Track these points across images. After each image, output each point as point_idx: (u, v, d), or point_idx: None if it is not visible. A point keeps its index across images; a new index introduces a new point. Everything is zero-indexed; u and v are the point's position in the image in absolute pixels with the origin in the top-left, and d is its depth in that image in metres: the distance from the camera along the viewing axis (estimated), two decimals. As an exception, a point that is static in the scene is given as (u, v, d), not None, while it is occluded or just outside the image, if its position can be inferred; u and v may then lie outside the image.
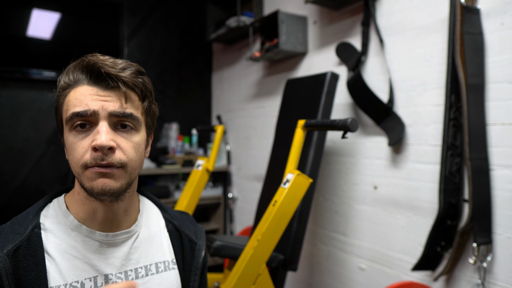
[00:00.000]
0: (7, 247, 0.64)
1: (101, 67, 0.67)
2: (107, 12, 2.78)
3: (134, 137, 0.70)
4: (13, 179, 2.54)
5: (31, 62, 2.52)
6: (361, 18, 1.89)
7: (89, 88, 0.68)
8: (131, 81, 0.70)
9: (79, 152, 0.66)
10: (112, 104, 0.67)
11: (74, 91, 0.69)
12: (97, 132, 0.66)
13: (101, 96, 0.67)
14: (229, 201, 3.03)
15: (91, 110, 0.66)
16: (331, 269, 2.09)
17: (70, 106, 0.68)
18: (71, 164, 0.68)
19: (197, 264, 0.84)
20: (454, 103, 1.47)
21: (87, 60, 0.68)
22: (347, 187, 2.00)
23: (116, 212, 0.73)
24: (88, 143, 0.66)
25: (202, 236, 0.88)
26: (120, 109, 0.68)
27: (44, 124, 2.64)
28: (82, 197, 0.71)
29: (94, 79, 0.68)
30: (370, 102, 1.78)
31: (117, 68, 0.68)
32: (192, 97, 3.23)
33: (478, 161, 1.38)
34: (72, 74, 0.70)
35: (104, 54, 0.71)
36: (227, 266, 1.73)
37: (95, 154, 0.65)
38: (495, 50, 1.39)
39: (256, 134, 2.74)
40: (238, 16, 2.55)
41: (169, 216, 0.86)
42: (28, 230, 0.67)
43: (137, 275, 0.75)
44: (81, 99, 0.67)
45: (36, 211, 0.71)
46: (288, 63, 2.43)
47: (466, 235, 1.46)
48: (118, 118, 0.68)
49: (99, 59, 0.68)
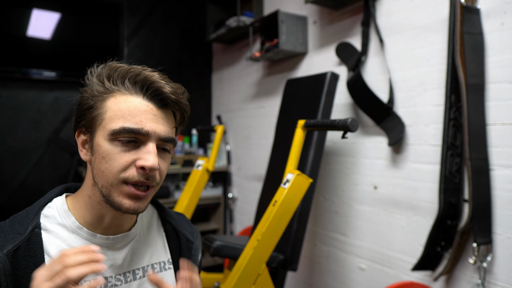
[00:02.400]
0: (7, 247, 0.63)
1: (162, 87, 0.67)
2: (107, 12, 2.78)
3: (168, 159, 0.72)
4: (13, 179, 2.54)
5: (31, 62, 2.51)
6: (361, 18, 1.89)
7: (144, 103, 0.67)
8: (184, 108, 0.72)
9: (120, 164, 0.65)
10: (163, 128, 0.68)
11: (124, 100, 0.67)
12: (147, 152, 0.66)
13: (155, 116, 0.67)
14: (229, 201, 3.03)
15: (145, 130, 0.66)
16: (331, 269, 2.09)
17: (119, 117, 0.66)
18: (104, 172, 0.66)
19: (194, 263, 0.85)
20: (454, 103, 1.47)
21: (141, 72, 0.68)
22: (347, 187, 2.00)
23: (123, 220, 0.74)
24: (132, 159, 0.66)
25: (198, 237, 0.90)
26: (169, 134, 0.69)
27: (44, 124, 2.64)
28: (94, 201, 0.70)
29: (150, 94, 0.68)
30: (370, 102, 1.78)
31: (178, 93, 0.70)
32: (192, 97, 3.21)
33: (478, 161, 1.38)
34: (119, 81, 0.68)
35: (145, 67, 0.70)
36: (227, 266, 1.73)
37: (141, 173, 0.66)
38: (495, 50, 1.39)
39: (256, 134, 2.74)
40: (238, 16, 2.55)
41: (167, 216, 0.86)
42: (28, 230, 0.66)
43: (135, 276, 0.75)
44: (135, 114, 0.66)
45: (36, 210, 0.70)
46: (288, 63, 2.43)
47: (466, 235, 1.46)
48: (162, 142, 0.69)
49: (156, 77, 0.68)
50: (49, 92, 2.64)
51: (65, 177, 2.70)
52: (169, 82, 0.70)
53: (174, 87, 0.70)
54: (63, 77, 2.60)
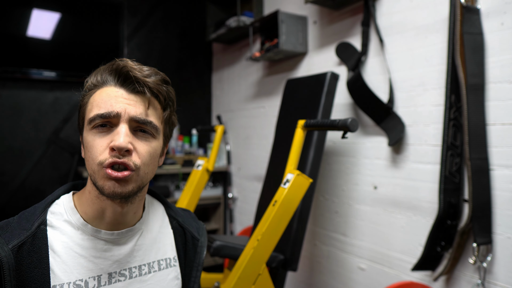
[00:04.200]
0: (12, 242, 0.65)
1: (130, 71, 0.69)
2: (107, 12, 2.77)
3: (151, 143, 0.71)
4: (13, 179, 2.54)
5: (31, 62, 2.51)
6: (361, 18, 1.89)
7: (115, 89, 0.70)
8: (156, 88, 0.72)
9: (97, 150, 0.67)
10: (134, 109, 0.69)
11: (100, 92, 0.71)
12: (117, 133, 0.67)
13: (125, 99, 0.69)
14: (229, 201, 3.03)
15: (114, 112, 0.67)
16: (331, 269, 2.09)
17: (94, 107, 0.69)
18: (88, 161, 0.69)
19: (199, 261, 0.86)
20: (454, 103, 1.47)
21: (117, 63, 0.71)
22: (347, 187, 2.00)
23: (125, 214, 0.74)
24: (106, 143, 0.67)
25: (203, 233, 0.90)
26: (142, 115, 0.69)
27: (44, 124, 2.64)
28: (93, 196, 0.71)
29: (121, 81, 0.70)
30: (370, 102, 1.78)
31: (143, 73, 0.70)
32: (192, 97, 3.22)
33: (478, 161, 1.38)
34: (100, 76, 0.72)
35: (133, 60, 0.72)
36: (227, 266, 1.73)
37: (112, 153, 0.66)
38: (495, 50, 1.39)
39: (256, 134, 2.74)
40: (238, 16, 2.55)
41: (173, 213, 0.87)
42: (34, 227, 0.68)
43: (141, 272, 0.76)
44: (106, 100, 0.68)
45: (43, 207, 0.71)
46: (288, 63, 2.43)
47: (466, 235, 1.46)
48: (138, 123, 0.69)
49: (128, 63, 0.70)
50: (49, 92, 2.64)
51: (65, 177, 2.70)
52: (142, 67, 0.72)
53: (144, 71, 0.71)
54: (63, 77, 2.60)
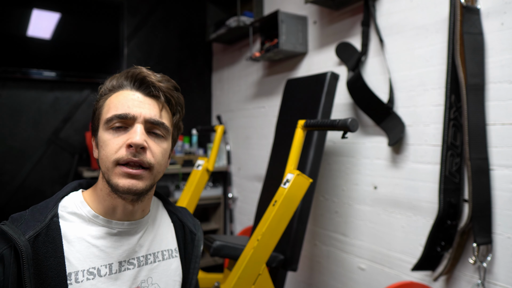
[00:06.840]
0: (28, 233, 0.68)
1: (146, 76, 0.76)
2: (107, 12, 2.78)
3: (163, 144, 0.77)
4: (13, 179, 2.54)
5: (31, 62, 2.51)
6: (361, 18, 1.89)
7: (131, 92, 0.76)
8: (169, 93, 0.79)
9: (112, 148, 0.72)
10: (149, 111, 0.75)
11: (116, 94, 0.76)
12: (133, 131, 0.72)
13: (141, 102, 0.75)
14: (229, 201, 3.03)
15: (131, 114, 0.73)
16: (331, 269, 2.09)
17: (111, 108, 0.74)
18: (102, 159, 0.73)
19: (197, 253, 0.92)
20: (454, 103, 1.47)
21: (133, 69, 0.77)
22: (347, 187, 2.00)
23: (134, 212, 0.79)
24: (122, 141, 0.72)
25: (199, 229, 0.96)
26: (156, 116, 0.75)
27: (44, 124, 2.64)
28: (105, 193, 0.75)
29: (137, 85, 0.77)
30: (370, 102, 1.78)
31: (157, 78, 0.78)
32: (192, 97, 3.22)
33: (478, 161, 1.38)
34: (116, 81, 0.78)
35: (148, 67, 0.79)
36: (227, 266, 1.73)
37: (129, 151, 0.71)
38: (495, 50, 1.39)
39: (256, 134, 2.74)
40: (238, 16, 2.55)
41: (172, 208, 0.94)
42: (47, 219, 0.71)
43: (147, 261, 0.82)
44: (123, 102, 0.74)
45: (55, 201, 0.75)
46: (288, 63, 2.43)
47: (466, 235, 1.46)
48: (152, 124, 0.75)
49: (143, 70, 0.77)
50: (49, 92, 2.64)
51: (65, 177, 2.70)
52: (155, 74, 0.79)
53: (158, 77, 0.78)
54: (63, 77, 2.60)
